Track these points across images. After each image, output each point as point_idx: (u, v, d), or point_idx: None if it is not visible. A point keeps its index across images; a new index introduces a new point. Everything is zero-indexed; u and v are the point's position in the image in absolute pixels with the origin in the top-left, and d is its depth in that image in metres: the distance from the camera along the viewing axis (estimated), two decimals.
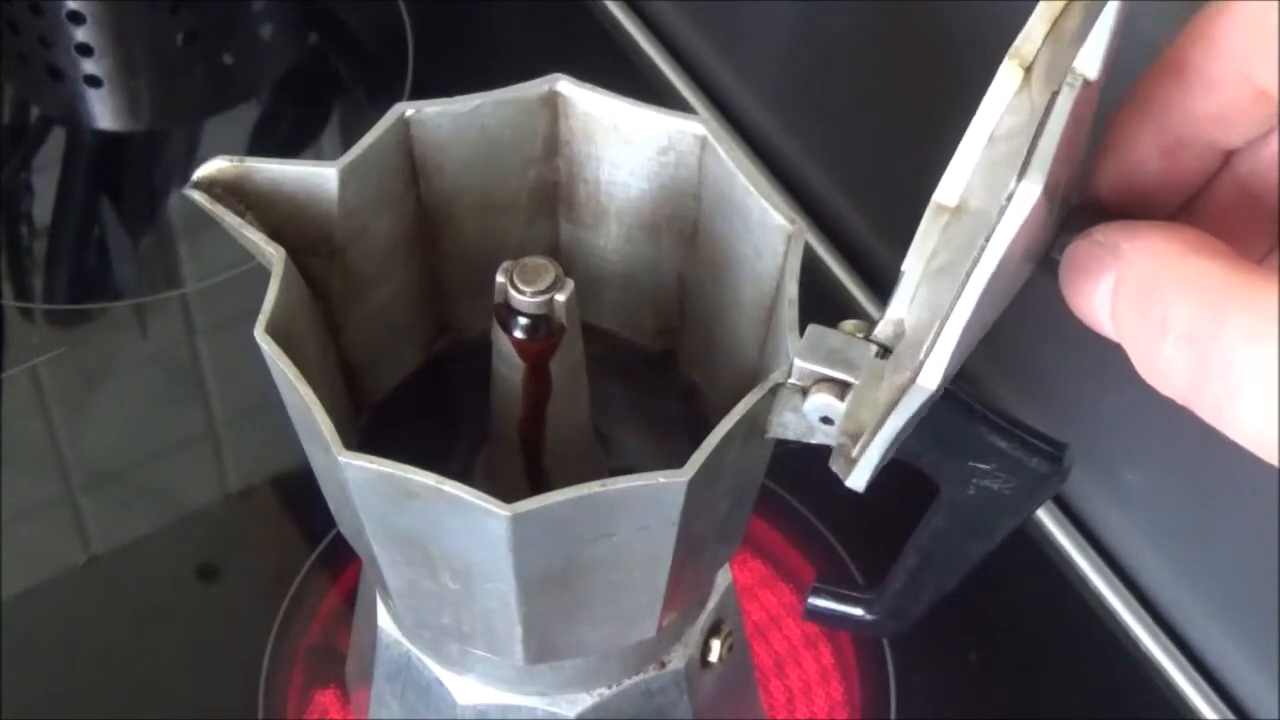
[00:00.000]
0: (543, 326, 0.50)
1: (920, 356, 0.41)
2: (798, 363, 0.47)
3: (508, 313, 0.50)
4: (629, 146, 0.53)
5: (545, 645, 0.53)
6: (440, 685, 0.58)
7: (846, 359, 0.47)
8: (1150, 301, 0.39)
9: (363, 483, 0.46)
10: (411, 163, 0.53)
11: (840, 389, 0.47)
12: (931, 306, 0.47)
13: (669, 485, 0.45)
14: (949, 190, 0.48)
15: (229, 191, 0.50)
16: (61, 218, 0.89)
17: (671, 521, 0.47)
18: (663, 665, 0.58)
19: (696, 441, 0.46)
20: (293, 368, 0.46)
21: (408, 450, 0.46)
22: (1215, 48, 0.42)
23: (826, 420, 0.47)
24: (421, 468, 0.45)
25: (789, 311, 0.48)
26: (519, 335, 0.50)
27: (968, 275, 0.40)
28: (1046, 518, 0.79)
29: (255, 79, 0.93)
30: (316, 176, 0.50)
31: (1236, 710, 0.75)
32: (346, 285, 0.53)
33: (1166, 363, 0.38)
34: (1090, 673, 0.76)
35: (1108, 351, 0.41)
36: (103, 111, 0.90)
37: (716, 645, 0.60)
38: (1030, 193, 0.39)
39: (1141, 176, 0.44)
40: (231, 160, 0.50)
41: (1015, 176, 0.40)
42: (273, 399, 0.50)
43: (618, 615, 0.52)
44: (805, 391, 0.47)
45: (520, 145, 0.54)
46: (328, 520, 0.54)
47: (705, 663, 0.60)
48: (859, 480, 0.44)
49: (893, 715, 0.73)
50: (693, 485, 0.45)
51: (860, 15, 0.81)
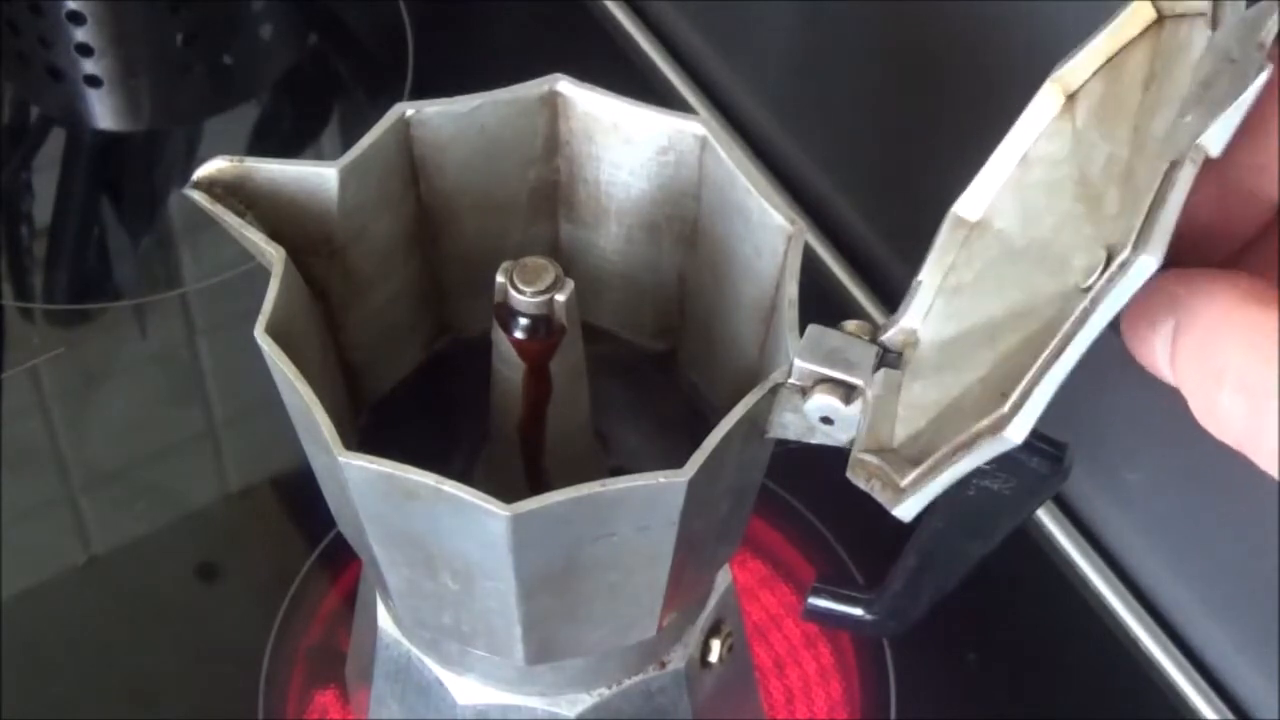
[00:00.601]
0: (543, 327, 0.50)
1: (1004, 409, 0.41)
2: (798, 363, 0.47)
3: (508, 313, 0.50)
4: (629, 146, 0.53)
5: (545, 645, 0.53)
6: (440, 685, 0.58)
7: (847, 359, 0.47)
8: (1208, 351, 0.39)
9: (363, 483, 0.46)
10: (411, 163, 0.53)
11: (841, 389, 0.47)
12: (955, 323, 0.47)
13: (669, 485, 0.45)
14: (972, 205, 0.48)
15: (229, 191, 0.50)
16: (61, 218, 0.89)
17: (671, 521, 0.47)
18: (663, 665, 0.58)
19: (696, 442, 0.46)
20: (293, 368, 0.46)
21: (408, 450, 0.46)
22: (1265, 97, 0.41)
23: (827, 420, 0.47)
24: (421, 468, 0.45)
25: (789, 311, 0.48)
26: (519, 335, 0.50)
27: (1067, 337, 0.40)
28: (1046, 518, 0.79)
29: (255, 79, 0.93)
30: (316, 176, 0.50)
31: (1236, 710, 0.75)
32: (346, 285, 0.53)
33: (1224, 411, 0.38)
34: (1090, 673, 0.76)
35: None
36: (103, 111, 0.89)
37: (716, 645, 0.60)
38: (1148, 265, 0.39)
39: (1194, 224, 0.44)
40: (231, 160, 0.50)
41: (1121, 241, 0.39)
42: (273, 399, 0.50)
43: (618, 615, 0.52)
44: (805, 392, 0.47)
45: (520, 145, 0.54)
46: (328, 520, 0.54)
47: (705, 663, 0.60)
48: (909, 512, 0.44)
49: (892, 715, 0.73)
50: (693, 485, 0.45)
51: (860, 15, 0.81)
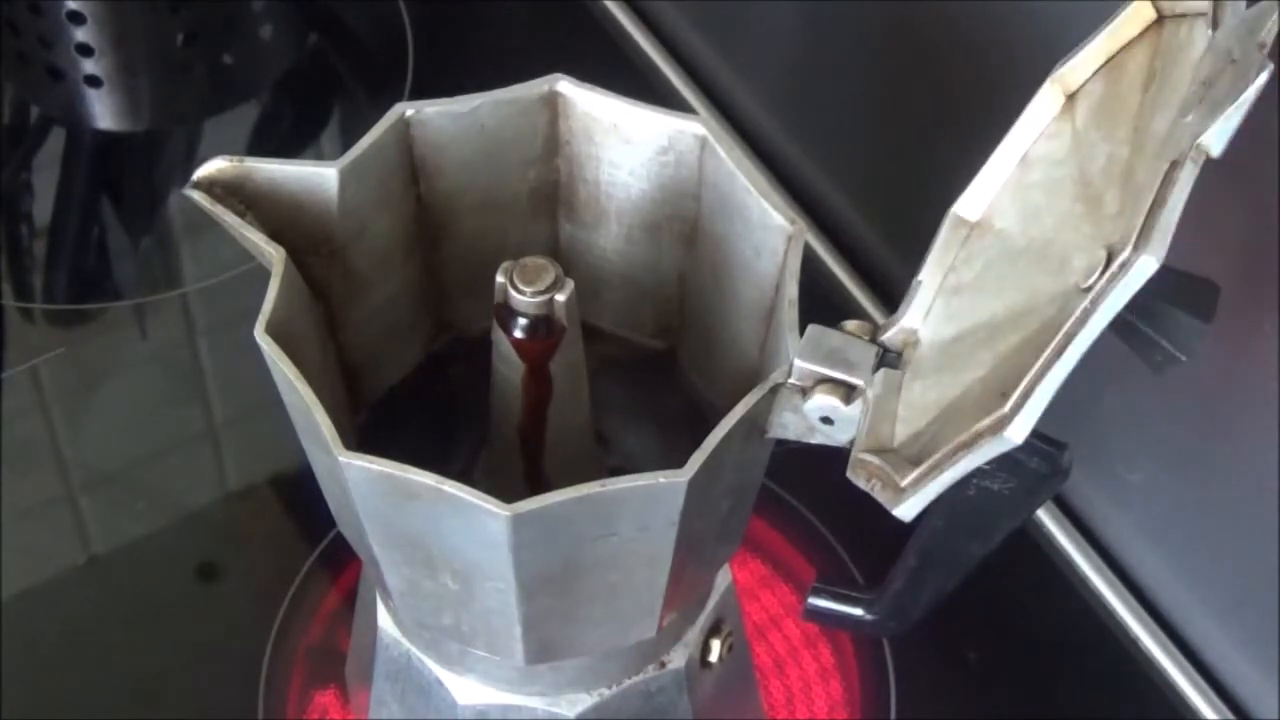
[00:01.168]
0: (543, 327, 0.50)
1: (1004, 409, 0.41)
2: (798, 363, 0.47)
3: (508, 313, 0.50)
4: (629, 146, 0.53)
5: (545, 645, 0.53)
6: (440, 685, 0.58)
7: (847, 359, 0.47)
8: None
9: (363, 483, 0.46)
10: (411, 163, 0.53)
11: (841, 389, 0.47)
12: (955, 323, 0.47)
13: (669, 485, 0.45)
14: (972, 204, 0.48)
15: (229, 191, 0.50)
16: (61, 218, 0.89)
17: (671, 521, 0.47)
18: (663, 665, 0.58)
19: (696, 441, 0.46)
20: (293, 368, 0.46)
21: (408, 450, 0.46)
22: None
23: (827, 420, 0.47)
24: (422, 467, 0.45)
25: (789, 311, 0.48)
26: (519, 335, 0.50)
27: (1068, 337, 0.40)
28: (1046, 518, 0.79)
29: (255, 79, 0.93)
30: (316, 176, 0.50)
31: (1236, 710, 0.75)
32: (346, 285, 0.53)
33: None
34: (1090, 672, 0.76)
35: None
36: (103, 111, 0.89)
37: (716, 645, 0.60)
38: (1149, 266, 0.39)
39: None
40: (231, 160, 0.50)
41: (1123, 240, 0.39)
42: (273, 399, 0.50)
43: (618, 615, 0.52)
44: (805, 392, 0.47)
45: (520, 145, 0.54)
46: (328, 520, 0.54)
47: (705, 663, 0.60)
48: (909, 512, 0.44)
49: (893, 715, 0.73)
50: (693, 485, 0.45)
51: (860, 15, 0.81)
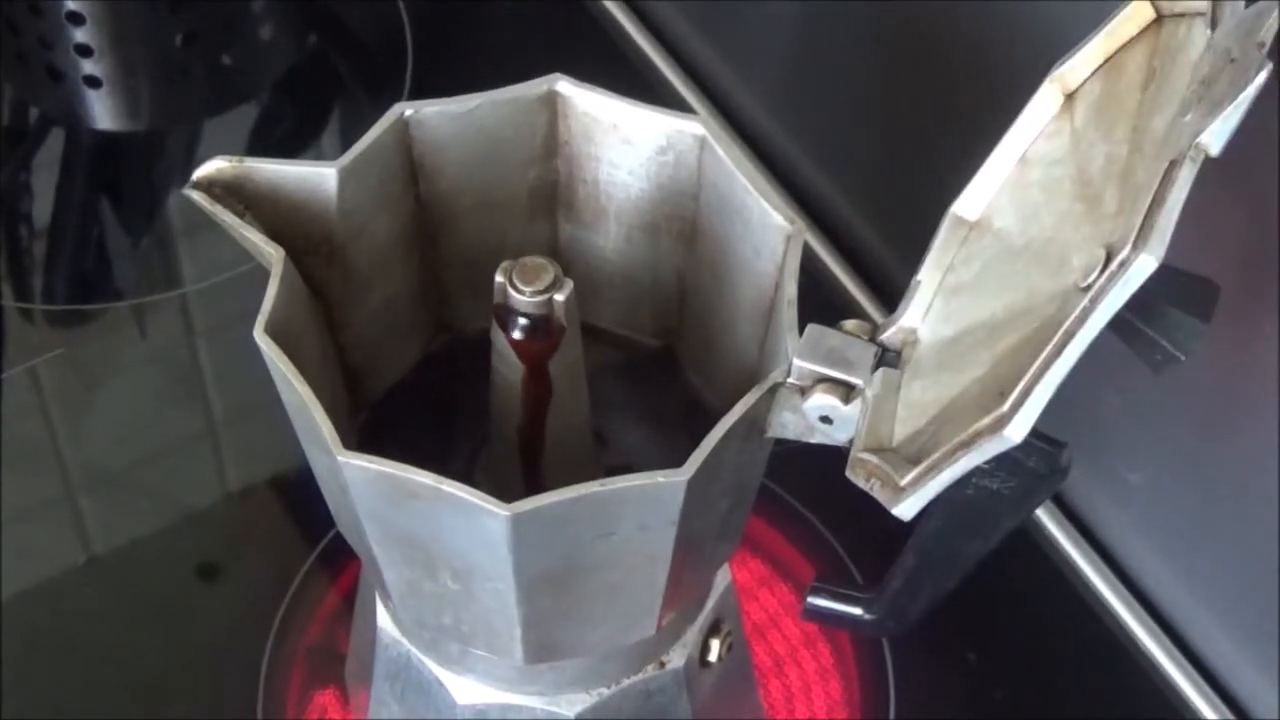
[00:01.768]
0: (542, 327, 0.50)
1: (1003, 408, 0.41)
2: (797, 362, 0.47)
3: (507, 313, 0.50)
4: (628, 146, 0.53)
5: (545, 645, 0.53)
6: (440, 685, 0.58)
7: (846, 359, 0.47)
8: None
9: (362, 483, 0.46)
10: (411, 163, 0.53)
11: (840, 389, 0.47)
12: (954, 322, 0.47)
13: (668, 485, 0.45)
14: (971, 204, 0.48)
15: (228, 192, 0.50)
16: (61, 218, 0.89)
17: (671, 521, 0.47)
18: (662, 665, 0.58)
19: (696, 441, 0.46)
20: (292, 368, 0.46)
21: (407, 449, 0.46)
22: None
23: (826, 420, 0.47)
24: (421, 467, 0.45)
25: (788, 311, 0.48)
26: (518, 336, 0.50)
27: (1067, 336, 0.40)
28: (1046, 517, 0.79)
29: (255, 79, 0.93)
30: (316, 176, 0.50)
31: (1236, 710, 0.75)
32: (346, 285, 0.53)
33: None
34: (1089, 672, 0.76)
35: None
36: (102, 112, 0.89)
37: (716, 645, 0.60)
38: (1148, 265, 0.39)
39: None
40: (231, 160, 0.50)
41: (1122, 239, 0.39)
42: (272, 399, 0.50)
43: (617, 615, 0.52)
44: (804, 391, 0.47)
45: (519, 145, 0.54)
46: (327, 520, 0.54)
47: (704, 662, 0.60)
48: (908, 511, 0.44)
49: (892, 715, 0.73)
50: (692, 485, 0.45)
51: (859, 15, 0.81)
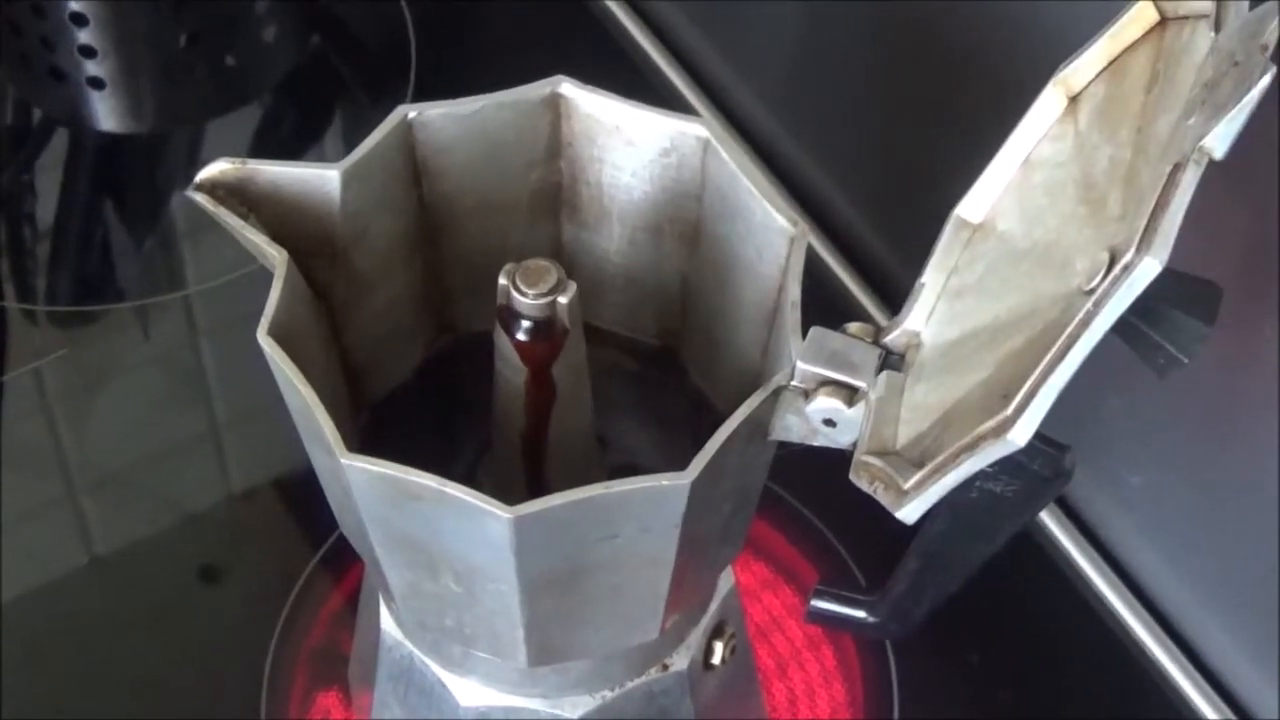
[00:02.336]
0: (545, 329, 0.50)
1: (1007, 411, 0.41)
2: (800, 365, 0.47)
3: (510, 315, 0.50)
4: (631, 148, 0.53)
5: (548, 647, 0.53)
6: (443, 687, 0.58)
7: (850, 362, 0.47)
8: None
9: (365, 485, 0.46)
10: (414, 165, 0.53)
11: (843, 392, 0.47)
12: (958, 325, 0.47)
13: (671, 487, 0.45)
14: (975, 206, 0.48)
15: (231, 193, 0.50)
16: (64, 219, 0.89)
17: (674, 524, 0.47)
18: (665, 667, 0.58)
19: (699, 443, 0.46)
20: (295, 370, 0.46)
21: (410, 451, 0.46)
22: None
23: (829, 423, 0.47)
24: (424, 469, 0.45)
25: (791, 314, 0.48)
26: (521, 338, 0.50)
27: (1071, 339, 0.40)
28: (1049, 520, 0.79)
29: (258, 81, 0.93)
30: (319, 178, 0.50)
31: (1238, 711, 0.75)
32: (349, 287, 0.53)
33: None
34: (1093, 674, 0.76)
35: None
36: (105, 113, 0.89)
37: (719, 647, 0.60)
38: (1152, 268, 0.39)
39: None
40: (234, 162, 0.50)
41: (1125, 242, 0.39)
42: (275, 401, 0.50)
43: (620, 617, 0.52)
44: (808, 394, 0.47)
45: (522, 147, 0.54)
46: (330, 522, 0.54)
47: (708, 665, 0.60)
48: (912, 514, 0.44)
49: (895, 717, 0.73)
50: (695, 487, 0.45)
51: (863, 17, 0.81)
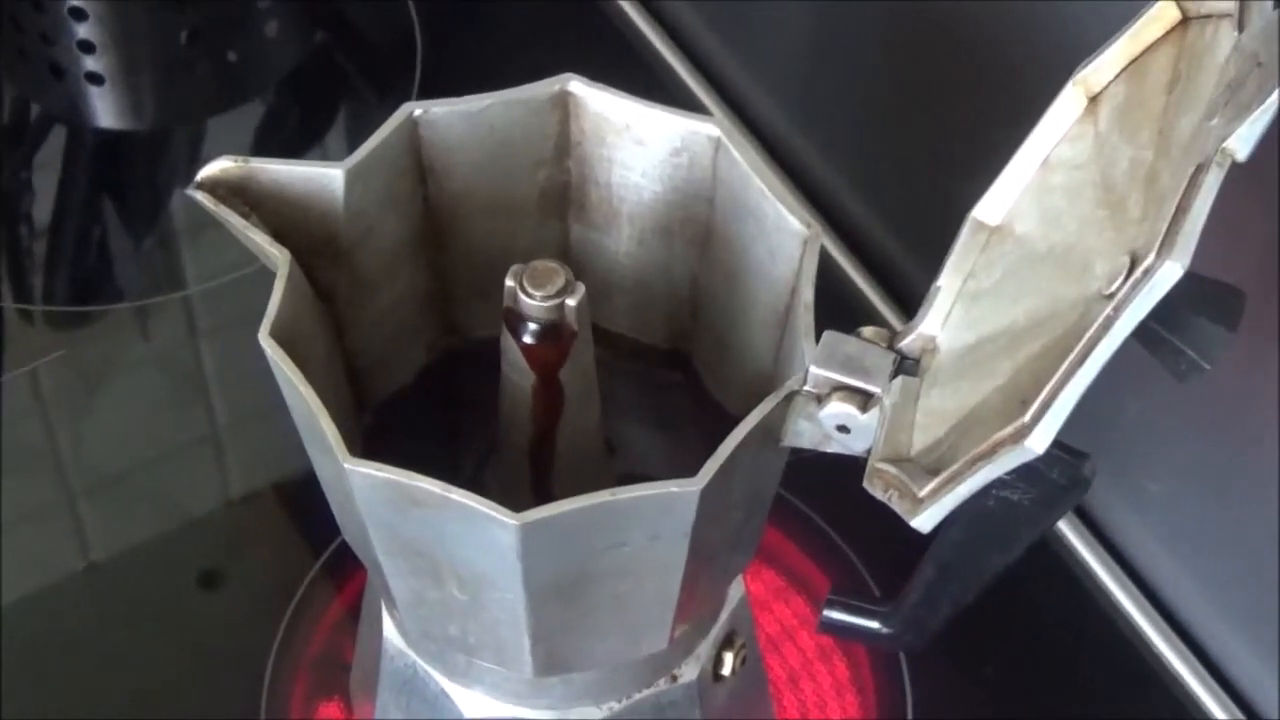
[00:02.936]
0: (553, 332, 0.50)
1: (1025, 418, 0.41)
2: (813, 369, 0.47)
3: (517, 318, 0.50)
4: (641, 148, 0.53)
5: (554, 657, 0.52)
6: (446, 698, 0.58)
7: (864, 366, 0.47)
8: None
9: (368, 490, 0.46)
10: (419, 164, 0.53)
11: (857, 397, 0.47)
12: (975, 329, 0.47)
13: (681, 494, 0.45)
14: (992, 208, 0.48)
15: (233, 192, 0.50)
16: (62, 218, 0.89)
17: (683, 532, 0.47)
18: (674, 678, 0.58)
19: (709, 449, 0.46)
20: (297, 372, 0.46)
21: (414, 456, 0.46)
22: None
23: (843, 429, 0.47)
24: (428, 474, 0.45)
25: (804, 317, 0.48)
26: (529, 341, 0.50)
27: (1090, 345, 0.40)
28: (1066, 528, 0.79)
29: (260, 77, 0.93)
30: (322, 177, 0.50)
31: None
32: (352, 288, 0.53)
33: None
34: (1111, 686, 0.76)
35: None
36: (105, 110, 0.90)
37: (729, 658, 0.60)
38: (1173, 272, 0.39)
39: None
40: (236, 160, 0.50)
41: (1147, 247, 0.39)
42: (276, 403, 0.50)
43: (628, 627, 0.52)
44: (821, 399, 0.47)
45: (530, 146, 0.54)
46: (332, 528, 0.54)
47: (718, 676, 0.60)
48: (927, 523, 0.44)
49: None
50: (705, 495, 0.45)
51: (879, 14, 0.81)
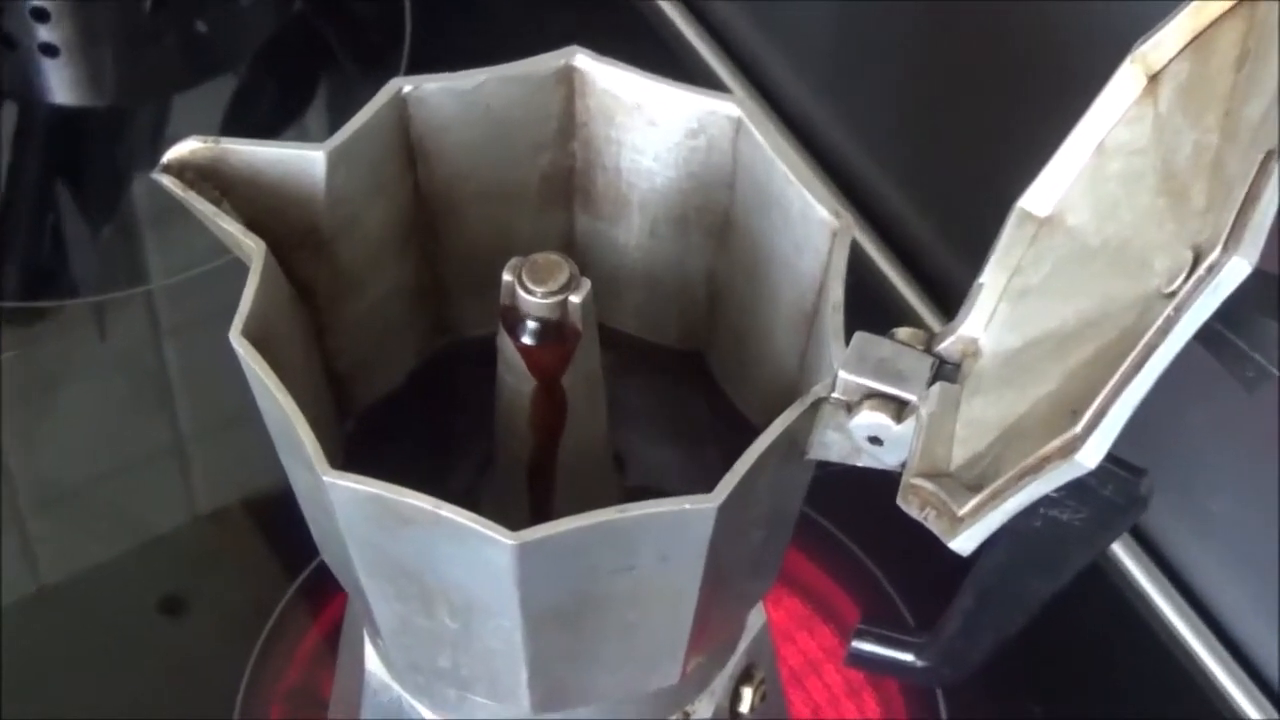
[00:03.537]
0: (554, 332, 0.50)
1: (1075, 429, 0.41)
2: (842, 374, 0.47)
3: (516, 316, 0.50)
4: (654, 129, 0.53)
5: (554, 691, 0.53)
6: None
7: (898, 371, 0.47)
8: None
9: (350, 506, 0.46)
10: (409, 146, 0.53)
11: (891, 405, 0.47)
12: (1021, 331, 0.47)
13: (696, 512, 0.45)
14: (1041, 198, 0.48)
15: (203, 176, 0.50)
16: (12, 204, 0.89)
17: (698, 553, 0.47)
18: (687, 716, 0.58)
19: (727, 462, 0.46)
20: (272, 375, 0.47)
21: (401, 469, 0.46)
22: None
23: (875, 440, 0.47)
24: (416, 488, 0.45)
25: (833, 317, 0.48)
26: (528, 342, 0.50)
27: (1148, 349, 0.40)
28: (1121, 552, 0.79)
29: (232, 49, 0.93)
30: (301, 160, 0.50)
31: None
32: (334, 282, 0.53)
33: None
34: None
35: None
36: (60, 84, 0.90)
37: (748, 694, 0.60)
38: (1240, 269, 0.39)
39: None
40: (206, 141, 0.50)
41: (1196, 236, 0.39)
42: (249, 410, 0.50)
43: (636, 658, 0.52)
44: (851, 407, 0.47)
45: (531, 127, 0.54)
46: (309, 548, 0.54)
47: (735, 713, 0.60)
48: (967, 544, 0.44)
49: None
50: (723, 512, 0.45)
51: None
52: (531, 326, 0.50)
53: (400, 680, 0.58)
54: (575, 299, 0.50)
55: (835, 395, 0.47)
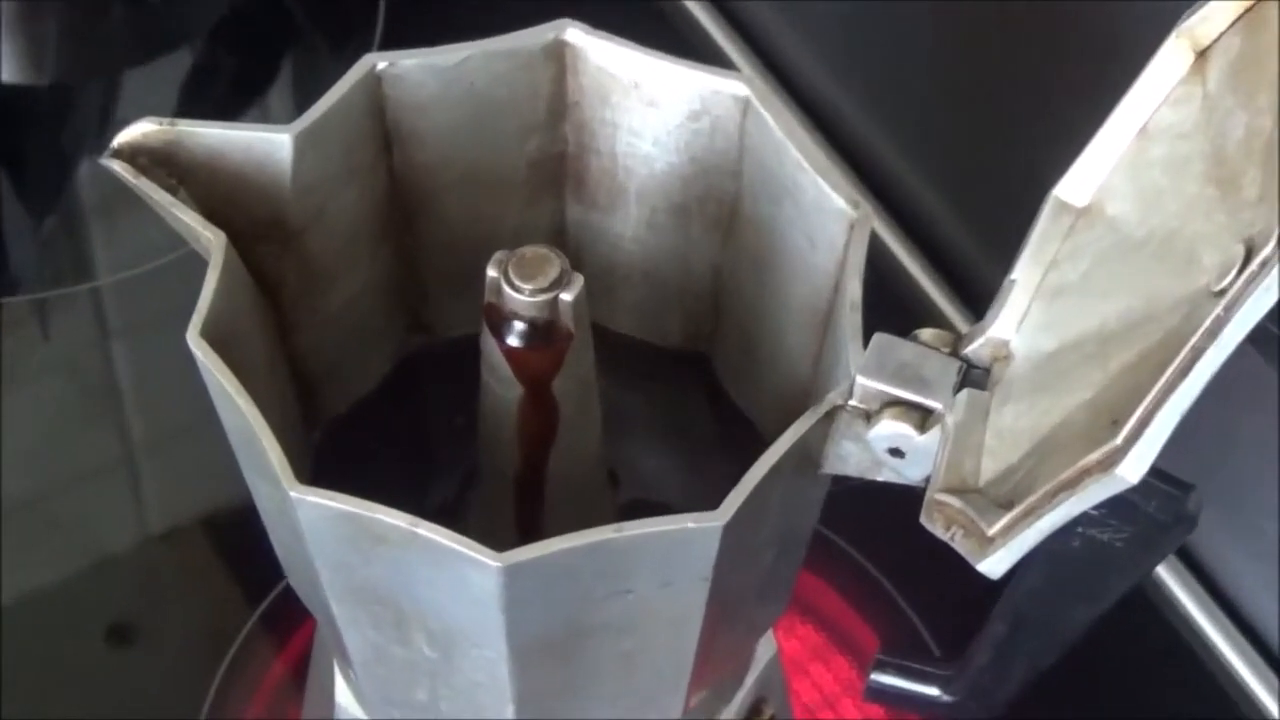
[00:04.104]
0: (544, 333, 0.50)
1: (1116, 440, 0.41)
2: (860, 380, 0.47)
3: (501, 316, 0.50)
4: (653, 110, 0.54)
5: None
6: None
7: (921, 376, 0.47)
8: None
9: (319, 524, 0.47)
10: (384, 128, 0.53)
11: (914, 414, 0.47)
12: (1057, 332, 0.47)
13: (699, 531, 0.46)
14: (1079, 187, 0.48)
15: (157, 161, 0.50)
16: None
17: (702, 576, 0.47)
18: None
19: (734, 476, 0.46)
20: (234, 380, 0.47)
21: (375, 484, 0.46)
22: None
23: (896, 452, 0.48)
24: (392, 505, 0.45)
25: (850, 316, 0.48)
26: (514, 343, 0.50)
27: (1195, 352, 0.40)
28: (1167, 575, 0.80)
29: (188, 22, 0.93)
30: (266, 144, 0.51)
31: None
32: (301, 278, 0.53)
33: None
34: None
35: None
36: None
37: None
38: None
39: None
40: (160, 123, 0.50)
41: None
42: (207, 419, 0.50)
43: (633, 692, 0.53)
44: (870, 416, 0.48)
45: (518, 107, 0.54)
46: (274, 570, 0.55)
47: None
48: (998, 567, 0.44)
49: None
50: (729, 531, 0.46)
51: None
52: (518, 327, 0.50)
53: (373, 715, 0.58)
54: (566, 296, 0.50)
55: (852, 403, 0.48)
